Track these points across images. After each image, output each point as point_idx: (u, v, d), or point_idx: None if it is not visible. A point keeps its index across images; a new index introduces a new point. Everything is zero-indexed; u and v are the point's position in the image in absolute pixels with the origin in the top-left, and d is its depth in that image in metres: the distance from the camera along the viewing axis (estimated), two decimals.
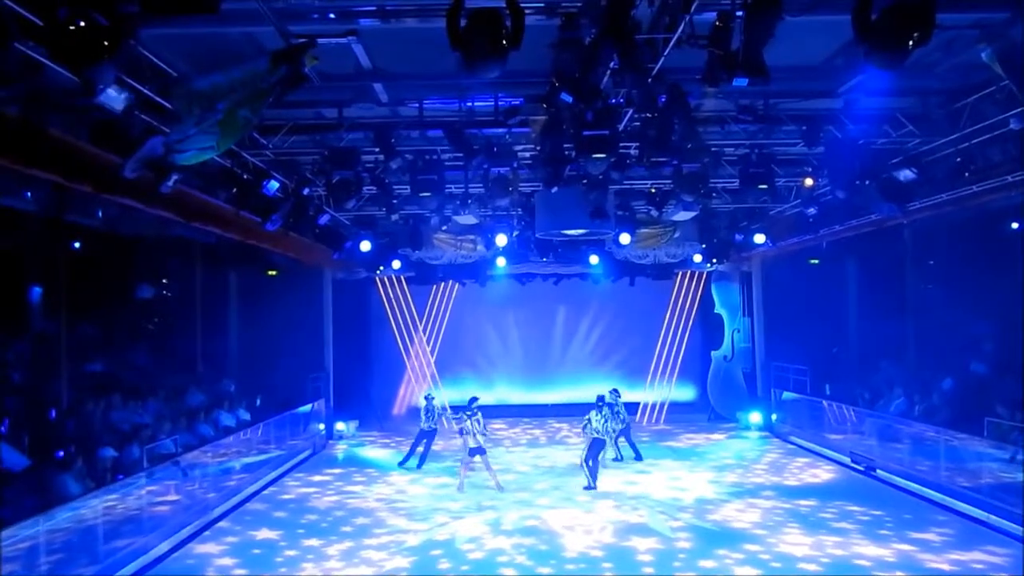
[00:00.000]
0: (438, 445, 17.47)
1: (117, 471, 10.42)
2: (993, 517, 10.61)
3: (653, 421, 20.60)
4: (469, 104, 9.63)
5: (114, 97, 6.51)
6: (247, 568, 9.35)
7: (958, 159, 10.56)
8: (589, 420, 13.31)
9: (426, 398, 15.62)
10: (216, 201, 11.08)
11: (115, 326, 15.62)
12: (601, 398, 14.02)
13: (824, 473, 14.28)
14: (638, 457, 15.30)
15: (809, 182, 12.64)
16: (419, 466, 14.96)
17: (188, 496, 11.24)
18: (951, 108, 9.81)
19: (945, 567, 8.99)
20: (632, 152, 10.60)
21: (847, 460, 14.87)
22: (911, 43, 5.40)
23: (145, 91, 7.21)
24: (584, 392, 18.60)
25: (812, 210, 13.90)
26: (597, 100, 7.84)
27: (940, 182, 11.18)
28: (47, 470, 9.52)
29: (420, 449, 15.17)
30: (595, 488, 12.81)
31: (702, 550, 9.72)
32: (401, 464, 15.19)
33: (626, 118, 9.07)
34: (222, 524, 11.34)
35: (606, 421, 13.45)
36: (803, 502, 12.03)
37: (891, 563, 9.13)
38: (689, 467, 14.91)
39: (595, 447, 13.17)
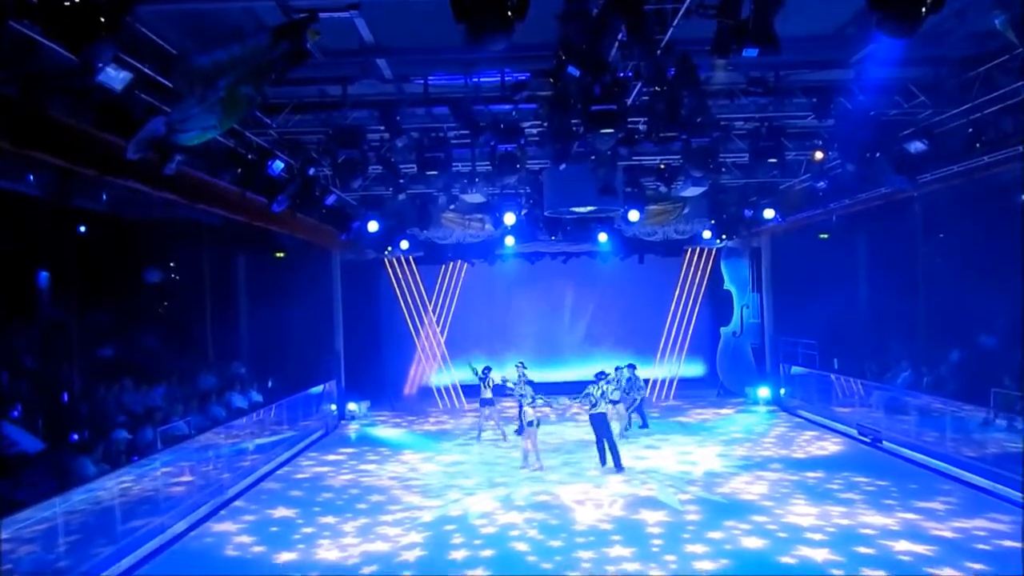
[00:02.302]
0: (448, 424, 17.63)
1: (132, 453, 10.51)
2: (997, 486, 10.63)
3: (663, 397, 20.64)
4: (475, 80, 9.54)
5: (113, 76, 6.45)
6: (265, 545, 9.43)
7: (970, 130, 10.42)
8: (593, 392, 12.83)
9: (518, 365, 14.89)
10: (221, 183, 11.06)
11: (124, 311, 15.64)
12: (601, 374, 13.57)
13: (831, 445, 14.31)
14: (644, 425, 15.73)
15: (819, 155, 12.53)
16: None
17: (203, 477, 11.34)
18: (963, 78, 9.66)
19: (948, 534, 9.03)
20: (641, 127, 10.51)
21: (854, 432, 14.90)
22: (924, 10, 5.32)
23: (145, 70, 7.15)
24: (594, 370, 18.53)
25: (822, 184, 13.80)
26: (605, 73, 7.76)
27: (951, 154, 11.06)
28: (63, 453, 9.60)
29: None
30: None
31: (710, 522, 9.76)
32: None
33: (634, 92, 8.98)
34: (238, 503, 11.44)
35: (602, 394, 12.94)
36: (810, 474, 12.06)
37: (896, 531, 9.17)
38: (698, 441, 14.94)
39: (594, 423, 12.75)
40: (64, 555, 7.96)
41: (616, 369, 15.08)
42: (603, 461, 12.76)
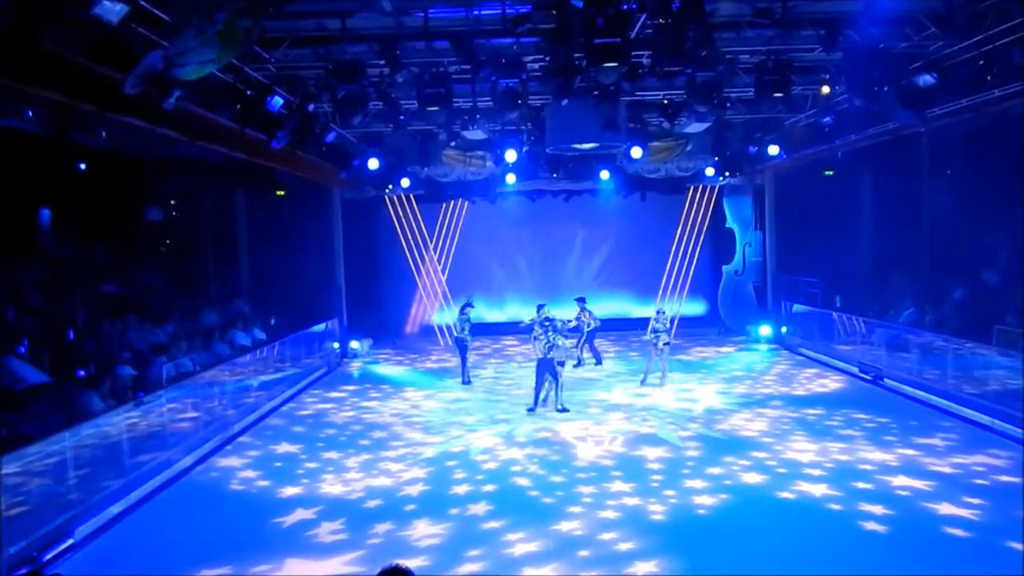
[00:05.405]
0: (450, 363, 17.78)
1: (137, 389, 10.63)
2: (997, 422, 10.72)
3: None
4: (476, 12, 9.31)
5: (109, 8, 6.31)
6: (270, 480, 9.63)
7: (980, 62, 10.19)
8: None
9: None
10: (221, 119, 10.90)
11: (126, 248, 15.67)
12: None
13: (832, 383, 14.45)
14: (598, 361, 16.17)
15: (826, 90, 12.31)
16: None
17: (209, 413, 11.51)
18: (976, 8, 9.41)
19: (947, 470, 9.13)
20: (644, 61, 10.30)
21: (855, 370, 15.02)
22: None
23: (142, 2, 6.98)
24: (595, 308, 18.50)
25: (828, 119, 13.60)
26: (608, 5, 7.57)
27: (961, 87, 10.84)
28: (70, 388, 9.72)
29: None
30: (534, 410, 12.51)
31: (710, 458, 9.91)
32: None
33: (638, 24, 8.77)
34: (243, 439, 11.64)
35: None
36: (810, 411, 12.20)
37: (894, 467, 9.28)
38: (699, 379, 15.09)
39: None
40: (74, 488, 8.14)
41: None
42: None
